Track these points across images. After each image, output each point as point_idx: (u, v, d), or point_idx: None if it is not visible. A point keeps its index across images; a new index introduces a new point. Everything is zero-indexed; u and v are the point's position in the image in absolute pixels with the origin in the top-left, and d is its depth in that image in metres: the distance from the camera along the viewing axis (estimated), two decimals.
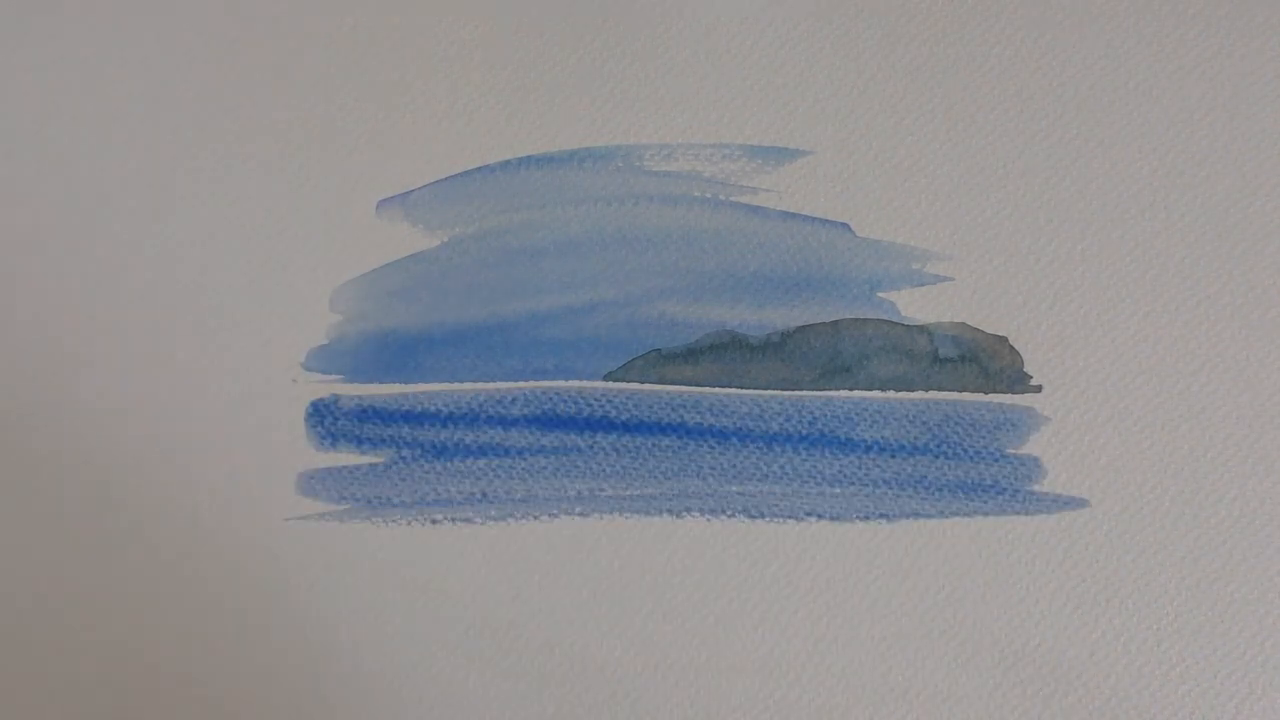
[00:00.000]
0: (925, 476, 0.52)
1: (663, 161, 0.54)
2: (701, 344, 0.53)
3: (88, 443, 0.54)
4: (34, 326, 0.55)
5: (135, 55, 0.56)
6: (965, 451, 0.52)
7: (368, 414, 0.54)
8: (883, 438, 0.53)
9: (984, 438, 0.52)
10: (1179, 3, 0.53)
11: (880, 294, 0.53)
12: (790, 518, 0.52)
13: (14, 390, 0.55)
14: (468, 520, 0.53)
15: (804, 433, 0.53)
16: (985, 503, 0.52)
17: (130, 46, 0.56)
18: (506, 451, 0.53)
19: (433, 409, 0.54)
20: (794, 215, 0.54)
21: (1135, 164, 0.53)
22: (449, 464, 0.54)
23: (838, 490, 0.53)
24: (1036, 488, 0.52)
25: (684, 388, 0.53)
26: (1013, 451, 0.52)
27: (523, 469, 0.53)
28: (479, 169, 0.55)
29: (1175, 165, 0.53)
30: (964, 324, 0.53)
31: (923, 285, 0.53)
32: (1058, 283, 0.53)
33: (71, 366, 0.54)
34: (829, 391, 0.53)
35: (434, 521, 0.53)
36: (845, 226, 0.53)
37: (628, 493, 0.53)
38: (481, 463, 0.53)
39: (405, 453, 0.54)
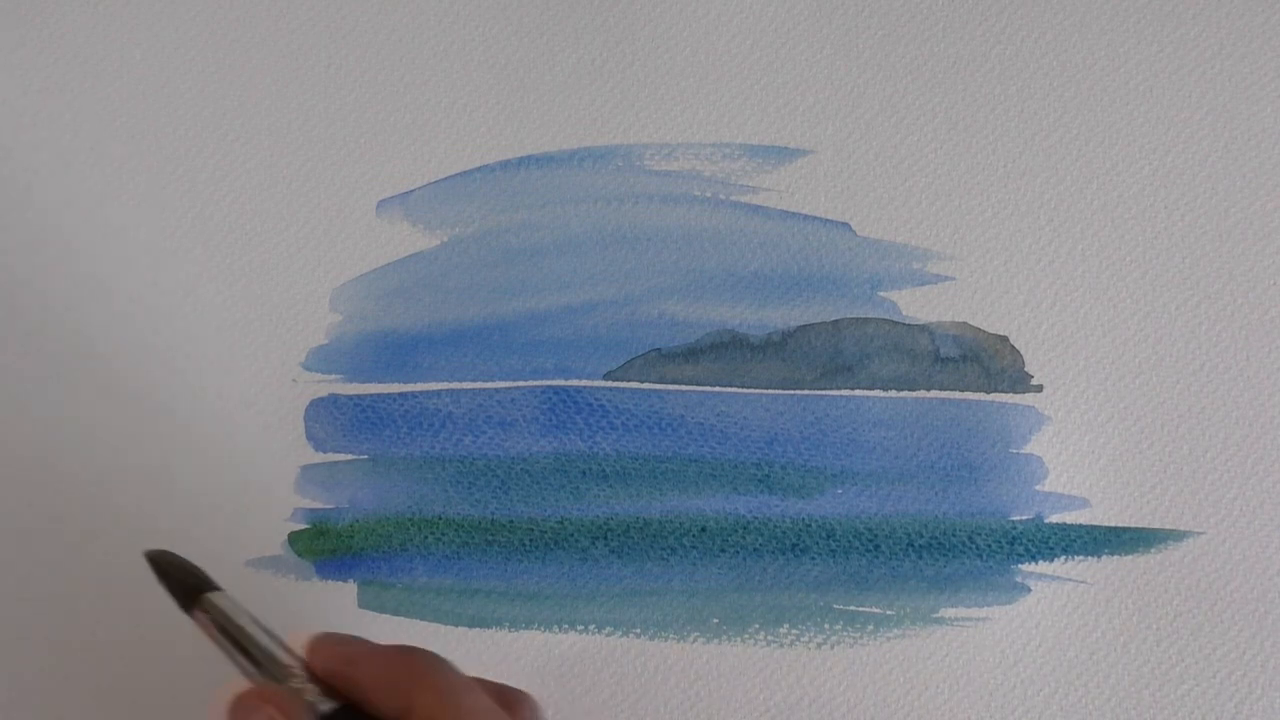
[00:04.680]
0: (927, 476, 0.52)
1: (663, 161, 0.54)
2: (702, 343, 0.53)
3: (87, 442, 0.54)
4: (33, 326, 0.55)
5: (135, 55, 0.56)
6: (967, 451, 0.52)
7: (367, 414, 0.54)
8: (884, 437, 0.53)
9: (985, 437, 0.52)
10: (1179, 3, 0.53)
11: (881, 293, 0.53)
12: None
13: (13, 389, 0.55)
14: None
15: (805, 432, 0.53)
16: (987, 502, 0.52)
17: (129, 46, 0.56)
18: (506, 451, 0.53)
19: (432, 408, 0.54)
20: (794, 214, 0.54)
21: (1135, 164, 0.53)
22: (448, 463, 0.53)
23: (839, 490, 0.53)
24: (1038, 487, 0.52)
25: (684, 387, 0.53)
26: (1014, 451, 0.52)
27: (522, 469, 0.53)
28: (479, 169, 0.55)
29: (1175, 165, 0.53)
30: (965, 323, 0.53)
31: (924, 285, 0.53)
32: (1059, 282, 0.53)
33: (70, 365, 0.54)
34: (830, 391, 0.53)
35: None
36: (846, 226, 0.53)
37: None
38: (480, 462, 0.53)
39: (404, 452, 0.54)
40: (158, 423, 0.54)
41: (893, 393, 0.53)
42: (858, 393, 0.53)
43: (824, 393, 0.53)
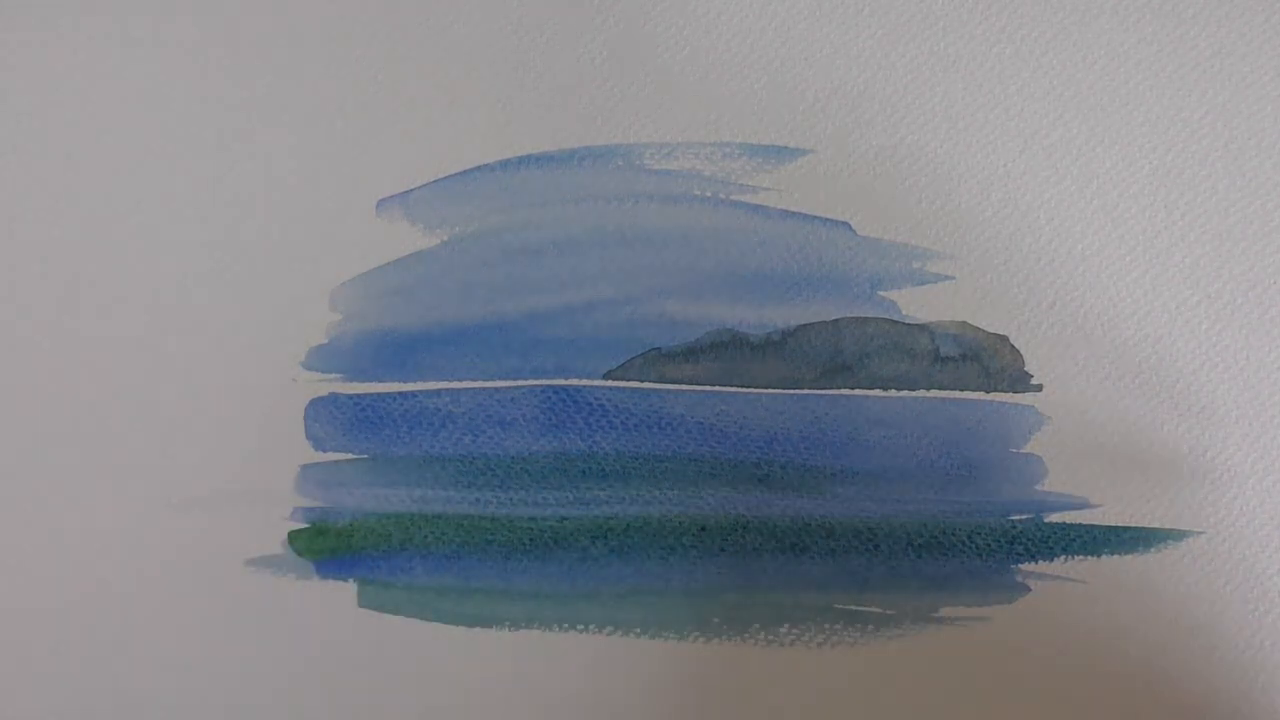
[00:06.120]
0: (927, 476, 0.52)
1: (663, 161, 0.54)
2: (702, 343, 0.53)
3: (87, 442, 0.54)
4: (34, 326, 0.55)
5: (135, 55, 0.56)
6: (967, 450, 0.52)
7: (367, 413, 0.54)
8: (884, 437, 0.53)
9: (985, 437, 0.52)
10: (1179, 3, 0.53)
11: (881, 293, 0.53)
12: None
13: (13, 388, 0.55)
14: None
15: (805, 432, 0.53)
16: (987, 502, 0.52)
17: (129, 46, 0.56)
18: (506, 450, 0.53)
19: (432, 408, 0.54)
20: (794, 214, 0.54)
21: (1135, 164, 0.53)
22: (448, 463, 0.54)
23: (839, 490, 0.53)
24: (1038, 487, 0.52)
25: (684, 386, 0.53)
26: (1014, 451, 0.52)
27: (522, 468, 0.53)
28: (479, 169, 0.55)
29: (1175, 165, 0.53)
30: (965, 323, 0.53)
31: (924, 284, 0.53)
32: (1058, 282, 0.53)
33: (68, 365, 0.54)
34: (830, 390, 0.53)
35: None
36: (846, 225, 0.54)
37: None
38: (480, 462, 0.53)
39: (404, 452, 0.54)
40: (157, 422, 0.54)
41: (893, 392, 0.53)
42: (858, 392, 0.53)
43: (824, 392, 0.53)
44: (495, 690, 0.53)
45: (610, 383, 0.53)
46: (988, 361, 0.53)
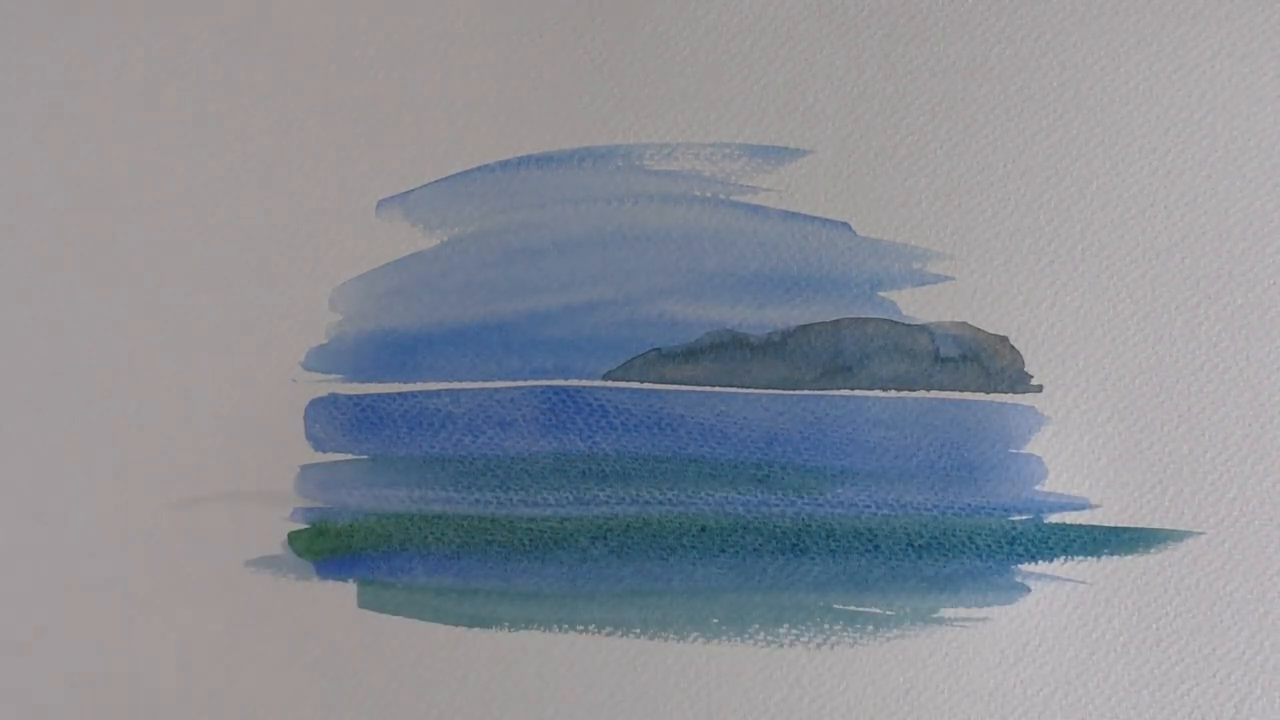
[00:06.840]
0: (927, 476, 0.52)
1: (663, 161, 0.54)
2: (702, 343, 0.53)
3: (88, 442, 0.54)
4: (35, 327, 0.55)
5: (135, 56, 0.56)
6: (967, 451, 0.52)
7: (367, 413, 0.54)
8: (884, 437, 0.53)
9: (985, 437, 0.52)
10: (1179, 3, 0.53)
11: (881, 293, 0.53)
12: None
13: (14, 389, 0.55)
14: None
15: (805, 432, 0.53)
16: (987, 502, 0.52)
17: (131, 47, 0.56)
18: (506, 451, 0.53)
19: (432, 408, 0.54)
20: (794, 214, 0.54)
21: (1135, 164, 0.53)
22: (448, 463, 0.53)
23: (839, 490, 0.53)
24: (1038, 487, 0.52)
25: (684, 387, 0.53)
26: (1014, 451, 0.52)
27: (522, 469, 0.53)
28: (479, 169, 0.55)
29: (1175, 165, 0.53)
30: (965, 323, 0.53)
31: (924, 285, 0.53)
32: (1058, 283, 0.53)
33: (71, 366, 0.54)
34: (830, 391, 0.53)
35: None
36: (846, 226, 0.53)
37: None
38: (480, 462, 0.53)
39: (404, 452, 0.54)
40: (158, 422, 0.54)
41: (893, 393, 0.53)
42: (858, 393, 0.53)
43: (824, 393, 0.53)
44: (495, 690, 0.53)
45: (610, 383, 0.53)
46: (988, 362, 0.53)
